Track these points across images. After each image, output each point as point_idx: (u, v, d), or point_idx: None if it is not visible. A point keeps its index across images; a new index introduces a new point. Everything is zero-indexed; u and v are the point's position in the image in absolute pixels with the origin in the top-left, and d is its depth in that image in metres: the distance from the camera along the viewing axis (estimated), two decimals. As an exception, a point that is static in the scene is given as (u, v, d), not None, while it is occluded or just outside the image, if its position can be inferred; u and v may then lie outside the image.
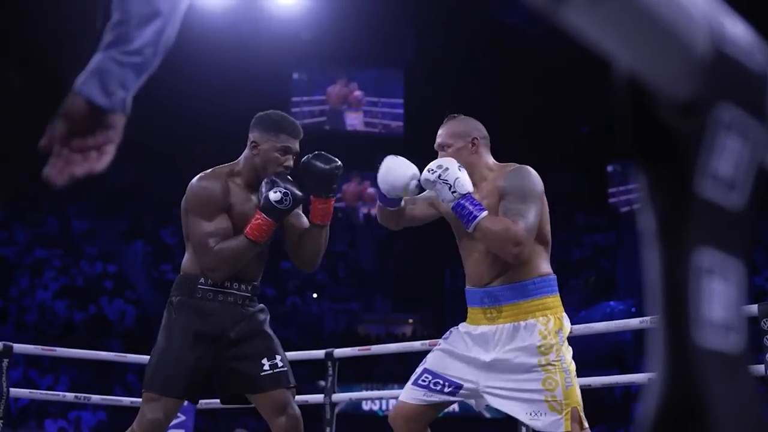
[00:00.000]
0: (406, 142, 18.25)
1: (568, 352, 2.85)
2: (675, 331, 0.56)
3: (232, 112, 20.40)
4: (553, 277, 2.95)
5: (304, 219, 3.32)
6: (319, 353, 5.59)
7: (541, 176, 2.93)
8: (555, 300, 2.91)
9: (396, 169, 2.97)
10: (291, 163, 3.20)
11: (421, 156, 3.42)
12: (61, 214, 19.45)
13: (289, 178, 3.17)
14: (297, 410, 3.20)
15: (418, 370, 2.97)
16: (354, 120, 22.43)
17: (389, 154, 3.11)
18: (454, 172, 2.81)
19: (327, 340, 16.35)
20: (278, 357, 3.21)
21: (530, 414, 2.77)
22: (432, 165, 2.85)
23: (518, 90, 20.07)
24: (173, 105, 19.18)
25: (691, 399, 0.56)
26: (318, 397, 5.61)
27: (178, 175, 3.47)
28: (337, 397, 5.47)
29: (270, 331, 3.28)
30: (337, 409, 5.48)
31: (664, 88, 0.56)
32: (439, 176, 2.80)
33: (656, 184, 0.57)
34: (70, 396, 6.22)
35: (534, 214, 2.82)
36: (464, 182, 2.80)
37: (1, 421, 5.33)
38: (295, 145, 3.22)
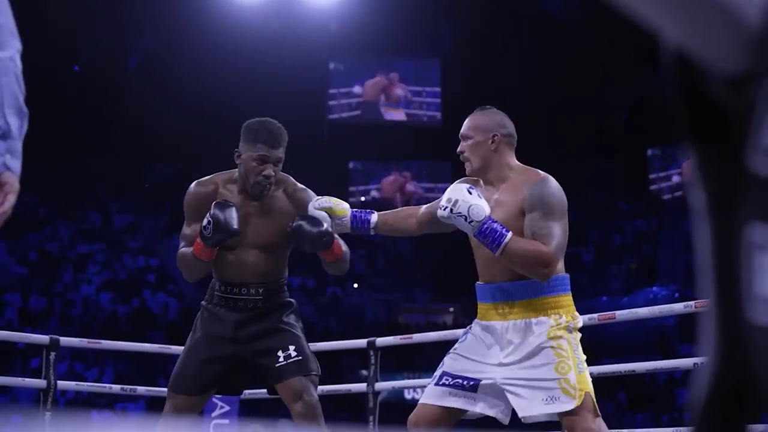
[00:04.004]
0: (443, 133, 18.18)
1: (579, 346, 2.85)
2: (727, 307, 0.56)
3: (270, 106, 20.48)
4: (566, 276, 2.91)
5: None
6: (362, 342, 5.60)
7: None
8: (568, 299, 2.89)
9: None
10: (271, 171, 3.23)
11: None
12: (104, 209, 19.65)
13: (230, 204, 3.19)
14: (313, 397, 3.26)
15: (437, 373, 2.95)
16: (391, 111, 22.41)
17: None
18: (464, 201, 2.73)
19: (368, 330, 16.37)
20: (291, 348, 3.29)
21: (545, 399, 2.76)
22: (442, 201, 2.78)
23: (556, 77, 19.93)
24: (212, 102, 19.30)
25: (744, 376, 0.55)
26: (361, 386, 5.63)
27: (218, 170, 3.49)
28: (379, 385, 5.48)
29: (287, 326, 3.35)
30: (380, 398, 5.50)
31: (713, 63, 0.55)
32: (451, 210, 2.74)
33: (706, 161, 0.57)
34: (116, 388, 6.29)
35: (563, 230, 2.79)
36: (479, 208, 2.72)
37: (50, 413, 5.40)
38: (275, 154, 3.23)
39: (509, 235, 2.72)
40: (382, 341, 5.53)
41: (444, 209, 2.75)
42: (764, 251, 0.55)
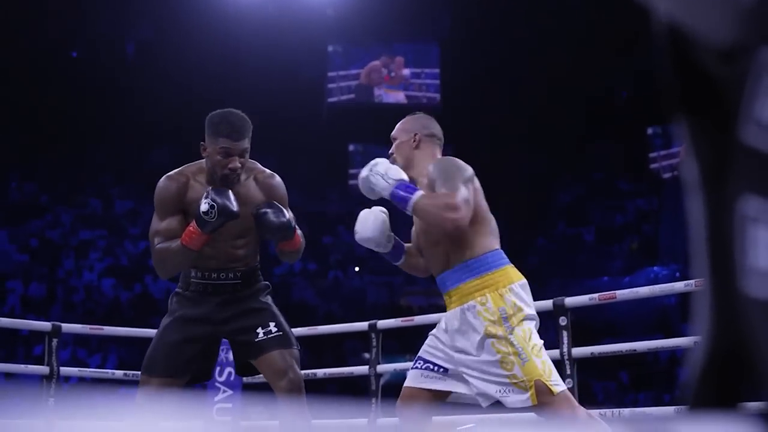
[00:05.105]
0: (442, 115, 18.13)
1: (519, 326, 2.86)
2: (721, 280, 0.55)
3: (269, 91, 20.44)
4: (492, 252, 2.95)
5: None
6: (363, 325, 5.62)
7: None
8: (494, 276, 2.92)
9: (367, 228, 3.14)
10: (236, 164, 3.21)
11: (458, 128, 3.41)
12: (104, 195, 19.65)
13: (225, 189, 3.16)
14: (298, 374, 3.27)
15: (416, 358, 3.08)
16: (391, 94, 22.36)
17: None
18: (384, 164, 2.97)
19: (370, 313, 16.38)
20: (272, 324, 3.32)
21: (499, 391, 2.84)
22: (366, 166, 3.00)
23: (555, 58, 19.87)
24: (210, 88, 19.25)
25: (738, 348, 0.55)
26: (363, 369, 5.65)
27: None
28: (381, 368, 5.50)
29: (266, 306, 3.38)
30: (382, 381, 5.51)
31: (705, 35, 0.55)
32: (371, 170, 2.95)
33: (699, 134, 0.57)
34: (119, 373, 6.31)
35: (465, 188, 2.87)
36: (396, 171, 2.95)
37: (53, 399, 5.42)
38: (238, 146, 3.22)
39: (419, 192, 2.88)
40: (383, 324, 5.55)
41: (364, 170, 2.98)
42: (758, 224, 0.55)
